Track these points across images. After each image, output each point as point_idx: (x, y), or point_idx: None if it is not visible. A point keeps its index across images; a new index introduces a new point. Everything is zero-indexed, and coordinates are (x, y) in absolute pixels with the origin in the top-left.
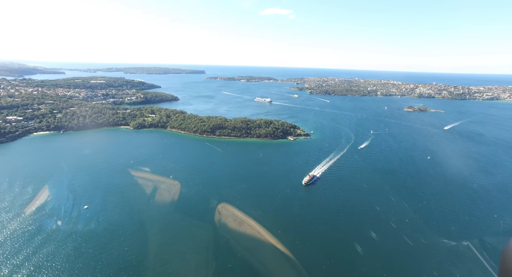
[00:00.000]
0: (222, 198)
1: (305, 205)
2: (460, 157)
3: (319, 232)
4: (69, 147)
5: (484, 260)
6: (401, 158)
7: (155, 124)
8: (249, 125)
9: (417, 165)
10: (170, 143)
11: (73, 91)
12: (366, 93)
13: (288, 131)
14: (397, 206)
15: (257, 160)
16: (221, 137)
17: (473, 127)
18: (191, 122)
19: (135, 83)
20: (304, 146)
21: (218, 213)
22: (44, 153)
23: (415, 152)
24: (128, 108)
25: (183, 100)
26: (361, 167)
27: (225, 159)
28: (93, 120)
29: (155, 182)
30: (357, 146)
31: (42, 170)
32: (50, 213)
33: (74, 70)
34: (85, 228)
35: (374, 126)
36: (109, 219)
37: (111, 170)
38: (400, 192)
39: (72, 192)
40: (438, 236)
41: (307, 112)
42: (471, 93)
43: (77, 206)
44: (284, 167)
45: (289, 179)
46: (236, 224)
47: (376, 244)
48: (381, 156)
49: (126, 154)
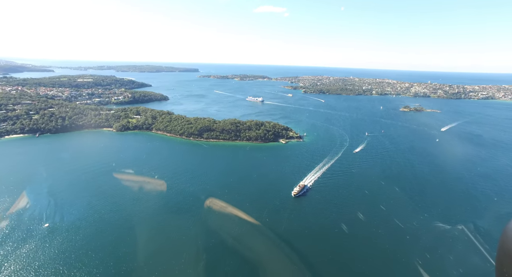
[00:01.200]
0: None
1: (293, 220)
2: (459, 161)
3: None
4: (43, 151)
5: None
6: (399, 162)
7: (139, 126)
8: (239, 127)
9: (415, 169)
10: (153, 147)
11: (56, 90)
12: (361, 92)
13: (280, 133)
14: (396, 218)
15: (245, 166)
16: (208, 140)
17: (470, 128)
18: (178, 124)
19: (124, 81)
20: (296, 150)
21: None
22: (13, 159)
23: (413, 155)
24: (112, 109)
25: (173, 99)
26: (356, 173)
27: (210, 165)
28: (73, 122)
29: (137, 186)
30: (352, 150)
31: (10, 178)
32: (30, 220)
33: (65, 68)
34: (67, 234)
35: (370, 127)
36: (92, 224)
37: (88, 176)
38: (400, 202)
39: (45, 199)
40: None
41: (301, 112)
42: (466, 92)
43: (57, 213)
44: (274, 174)
45: (278, 189)
46: (219, 241)
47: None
48: (377, 160)
49: (103, 159)
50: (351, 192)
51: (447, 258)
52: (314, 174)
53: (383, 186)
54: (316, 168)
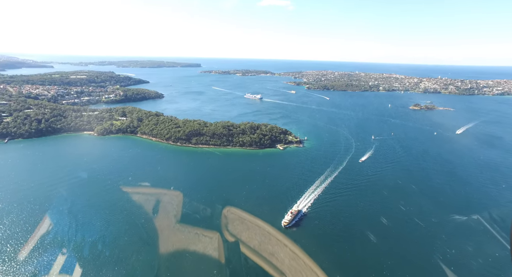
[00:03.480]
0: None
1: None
2: (482, 171)
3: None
4: (4, 160)
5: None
6: (412, 173)
7: (123, 129)
8: (232, 131)
9: (432, 182)
10: (132, 155)
11: (42, 88)
12: (368, 88)
13: (277, 138)
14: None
15: (232, 181)
16: (197, 146)
17: (489, 129)
18: (164, 127)
19: (120, 78)
20: (295, 158)
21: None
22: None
23: (427, 162)
24: (96, 110)
25: (169, 97)
26: (363, 190)
27: (190, 179)
28: (50, 125)
29: (96, 204)
30: (358, 158)
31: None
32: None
33: (66, 64)
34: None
35: (377, 129)
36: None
37: (39, 192)
38: (416, 235)
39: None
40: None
41: (303, 111)
42: (480, 87)
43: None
44: (263, 192)
45: (266, 217)
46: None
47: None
48: (388, 171)
49: (71, 170)
50: (357, 219)
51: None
52: (312, 192)
53: (396, 208)
54: (315, 183)
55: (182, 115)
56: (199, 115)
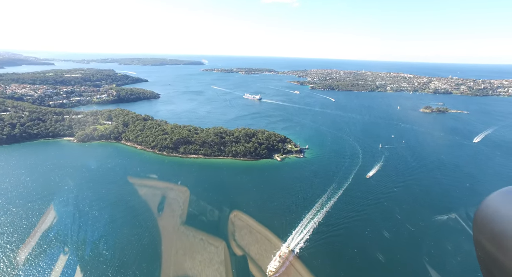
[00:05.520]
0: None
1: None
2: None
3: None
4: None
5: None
6: (429, 191)
7: (107, 135)
8: (224, 138)
9: (453, 205)
10: (108, 168)
11: (29, 88)
12: (374, 88)
13: (275, 146)
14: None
15: (214, 203)
16: (185, 155)
17: (510, 136)
18: (151, 134)
19: (117, 77)
20: (294, 172)
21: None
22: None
23: (445, 176)
24: (81, 112)
25: (165, 97)
26: (371, 216)
27: (156, 202)
28: (25, 130)
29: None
30: (365, 172)
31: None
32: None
33: (68, 61)
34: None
35: (386, 135)
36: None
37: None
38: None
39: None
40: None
41: (305, 113)
42: (494, 88)
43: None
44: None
45: (246, 264)
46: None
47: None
48: (401, 190)
49: (31, 187)
50: (367, 262)
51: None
52: (309, 221)
53: (413, 245)
54: (315, 207)
55: (176, 118)
56: (193, 118)
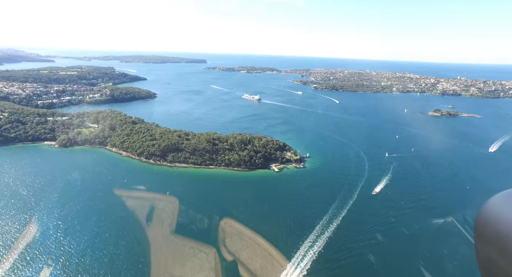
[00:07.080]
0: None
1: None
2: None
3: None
4: None
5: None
6: (445, 205)
7: (91, 139)
8: (217, 146)
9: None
10: (91, 178)
11: (17, 87)
12: (380, 89)
13: (272, 155)
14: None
15: (204, 215)
16: (173, 165)
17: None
18: (138, 139)
19: (115, 75)
20: (292, 186)
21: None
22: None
23: (461, 192)
24: (66, 114)
25: (162, 97)
26: (379, 244)
27: (133, 223)
28: (2, 133)
29: None
30: (372, 188)
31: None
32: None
33: (69, 58)
34: None
35: (393, 142)
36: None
37: None
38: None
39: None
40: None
41: (307, 116)
42: (506, 89)
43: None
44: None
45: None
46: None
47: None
48: (414, 210)
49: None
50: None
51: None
52: (308, 249)
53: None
54: (314, 232)
55: (169, 121)
56: (187, 121)
